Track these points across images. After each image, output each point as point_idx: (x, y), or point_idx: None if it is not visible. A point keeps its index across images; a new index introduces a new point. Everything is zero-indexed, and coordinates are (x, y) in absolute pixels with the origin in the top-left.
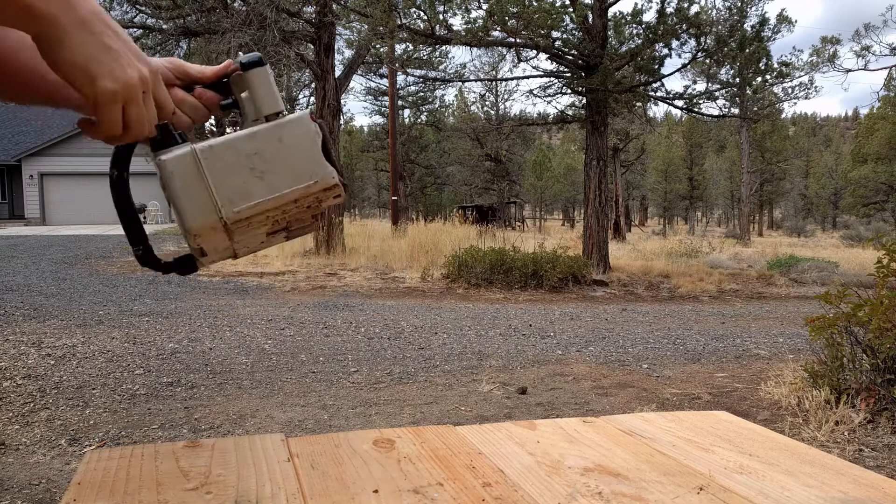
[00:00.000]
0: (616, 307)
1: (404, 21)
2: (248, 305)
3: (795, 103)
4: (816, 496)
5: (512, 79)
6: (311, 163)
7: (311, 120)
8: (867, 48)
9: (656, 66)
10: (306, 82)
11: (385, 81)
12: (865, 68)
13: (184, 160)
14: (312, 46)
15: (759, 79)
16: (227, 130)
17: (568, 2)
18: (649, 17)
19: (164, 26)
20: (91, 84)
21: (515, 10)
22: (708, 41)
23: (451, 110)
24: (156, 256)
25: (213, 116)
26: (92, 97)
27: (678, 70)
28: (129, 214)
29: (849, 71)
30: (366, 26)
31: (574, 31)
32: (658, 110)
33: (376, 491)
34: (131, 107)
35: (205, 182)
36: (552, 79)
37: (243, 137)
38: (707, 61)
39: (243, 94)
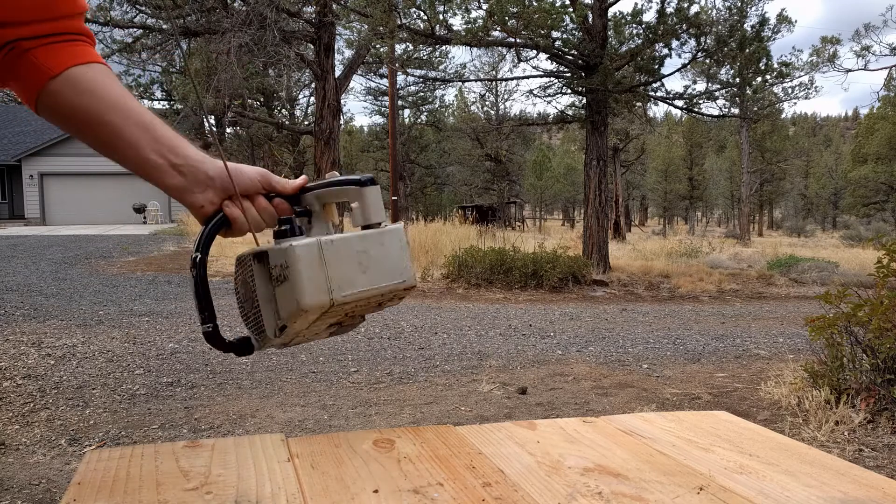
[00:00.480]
0: (616, 307)
1: (404, 21)
2: None
3: (795, 103)
4: (816, 496)
5: (512, 79)
6: (401, 264)
7: (404, 230)
8: (867, 48)
9: (656, 66)
10: (306, 82)
11: (385, 81)
12: (865, 68)
13: (311, 248)
14: (312, 46)
15: (759, 79)
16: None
17: (568, 2)
18: (649, 17)
19: (164, 26)
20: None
21: (515, 10)
22: (708, 41)
23: (451, 110)
24: (221, 336)
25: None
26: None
27: (678, 70)
28: (205, 294)
29: (849, 71)
30: (366, 26)
31: (574, 31)
32: (658, 110)
33: (376, 491)
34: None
35: (324, 269)
36: (552, 79)
37: (357, 238)
38: (707, 61)
39: (353, 205)
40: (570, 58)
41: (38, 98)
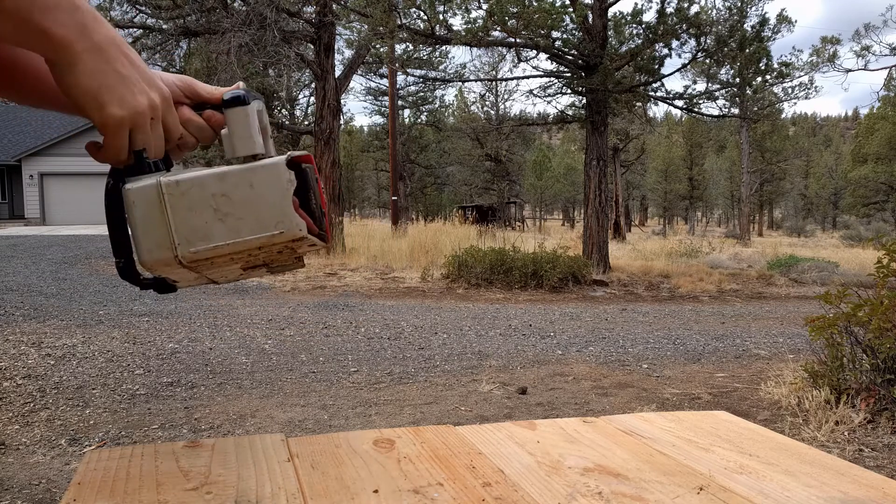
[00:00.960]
0: (616, 307)
1: (404, 21)
2: (248, 305)
3: (795, 103)
4: (816, 496)
5: (512, 79)
6: (278, 212)
7: (289, 166)
8: (867, 48)
9: (656, 66)
10: (306, 82)
11: (385, 81)
12: (865, 68)
13: (147, 192)
14: (312, 46)
15: (759, 79)
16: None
17: (568, 2)
18: (649, 17)
19: (165, 26)
20: (100, 110)
21: (515, 10)
22: (708, 41)
23: (451, 110)
24: (136, 271)
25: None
26: (100, 123)
27: (678, 70)
28: (118, 224)
29: (849, 71)
30: (366, 26)
31: (574, 31)
32: (658, 110)
33: (376, 491)
34: (138, 133)
35: (165, 218)
36: (552, 79)
37: (213, 176)
38: (707, 61)
39: (223, 131)
40: (570, 58)
41: None
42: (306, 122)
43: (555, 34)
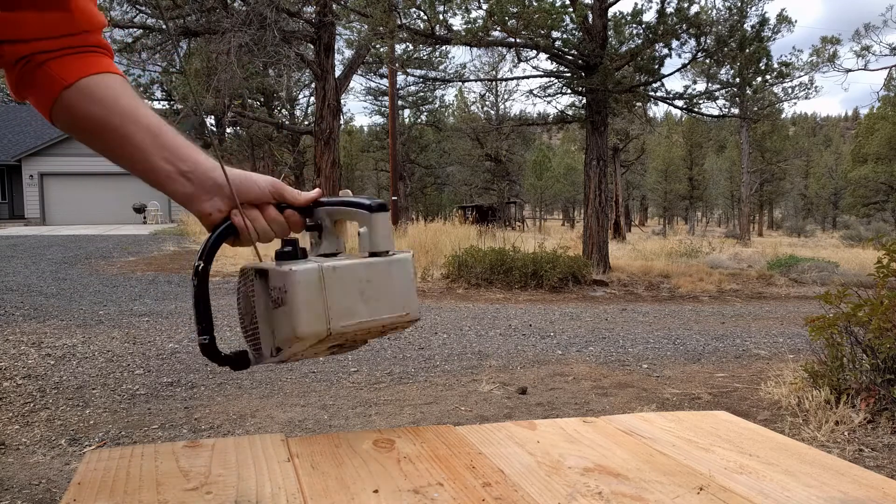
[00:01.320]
0: (616, 307)
1: (404, 21)
2: None
3: (795, 103)
4: (816, 496)
5: (512, 79)
6: (406, 296)
7: (412, 261)
8: (867, 48)
9: (656, 66)
10: (306, 82)
11: (385, 81)
12: (865, 68)
13: (312, 274)
14: (312, 46)
15: (759, 79)
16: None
17: (568, 2)
18: (649, 17)
19: (165, 26)
20: (192, 210)
21: (515, 10)
22: (708, 41)
23: (451, 110)
24: (218, 349)
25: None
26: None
27: (678, 70)
28: (205, 305)
29: (849, 71)
30: (366, 26)
31: (574, 31)
32: (658, 110)
33: (376, 491)
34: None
35: (323, 297)
36: (552, 79)
37: (362, 266)
38: (707, 61)
39: (361, 230)
40: (570, 58)
41: (53, 107)
42: (306, 122)
43: (555, 34)
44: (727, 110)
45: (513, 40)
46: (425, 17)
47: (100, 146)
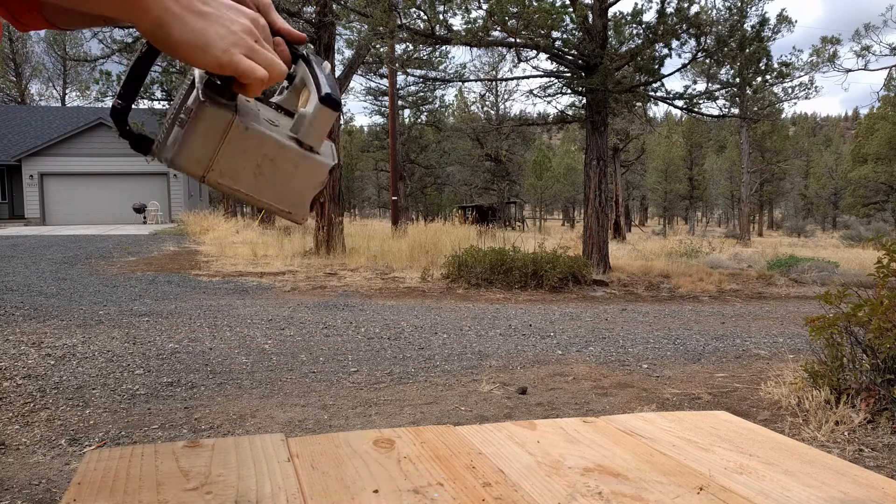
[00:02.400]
0: (616, 307)
1: (404, 21)
2: (248, 305)
3: (795, 103)
4: (816, 496)
5: (512, 79)
6: (299, 196)
7: (329, 171)
8: (867, 48)
9: (656, 66)
10: None
11: (385, 81)
12: (865, 68)
13: (218, 118)
14: (312, 46)
15: (759, 79)
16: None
17: (568, 2)
18: (649, 17)
19: None
20: (205, 57)
21: (515, 10)
22: (708, 41)
23: (451, 110)
24: (127, 120)
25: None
26: (217, 67)
27: (678, 70)
28: (139, 72)
29: (849, 71)
30: (366, 26)
31: (574, 31)
32: (658, 110)
33: (376, 491)
34: (255, 55)
35: (217, 146)
36: (552, 79)
37: (275, 142)
38: (707, 61)
39: (302, 110)
40: (570, 58)
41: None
42: None
43: (555, 34)
44: (727, 110)
45: (513, 40)
46: (425, 17)
47: None
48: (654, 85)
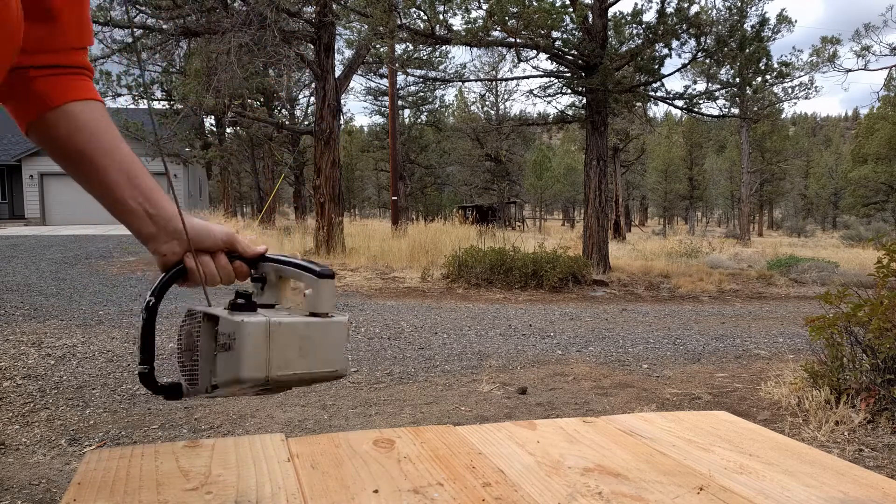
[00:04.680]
0: (616, 307)
1: (404, 21)
2: None
3: (795, 103)
4: (816, 496)
5: (512, 79)
6: (338, 355)
7: (347, 325)
8: (867, 48)
9: (656, 66)
10: (306, 82)
11: (385, 81)
12: (865, 68)
13: (260, 328)
14: (312, 46)
15: (759, 79)
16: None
17: (568, 2)
18: (649, 17)
19: (165, 26)
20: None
21: (515, 10)
22: (708, 41)
23: (451, 110)
24: (155, 378)
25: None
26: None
27: (678, 70)
28: (150, 337)
29: (849, 71)
30: (366, 26)
31: (574, 31)
32: (658, 110)
33: (376, 491)
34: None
35: (267, 348)
36: (552, 79)
37: (303, 324)
38: (707, 61)
39: (307, 292)
40: (570, 58)
41: (33, 123)
42: (306, 122)
43: (555, 34)
44: (727, 110)
45: (513, 40)
46: (425, 17)
47: (72, 171)
48: (654, 85)
